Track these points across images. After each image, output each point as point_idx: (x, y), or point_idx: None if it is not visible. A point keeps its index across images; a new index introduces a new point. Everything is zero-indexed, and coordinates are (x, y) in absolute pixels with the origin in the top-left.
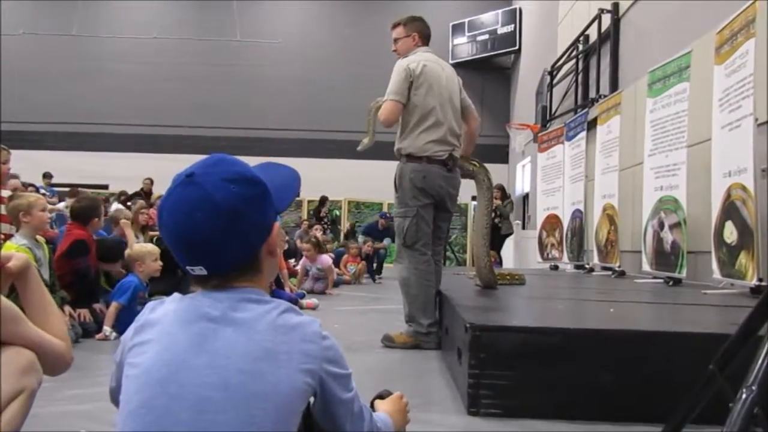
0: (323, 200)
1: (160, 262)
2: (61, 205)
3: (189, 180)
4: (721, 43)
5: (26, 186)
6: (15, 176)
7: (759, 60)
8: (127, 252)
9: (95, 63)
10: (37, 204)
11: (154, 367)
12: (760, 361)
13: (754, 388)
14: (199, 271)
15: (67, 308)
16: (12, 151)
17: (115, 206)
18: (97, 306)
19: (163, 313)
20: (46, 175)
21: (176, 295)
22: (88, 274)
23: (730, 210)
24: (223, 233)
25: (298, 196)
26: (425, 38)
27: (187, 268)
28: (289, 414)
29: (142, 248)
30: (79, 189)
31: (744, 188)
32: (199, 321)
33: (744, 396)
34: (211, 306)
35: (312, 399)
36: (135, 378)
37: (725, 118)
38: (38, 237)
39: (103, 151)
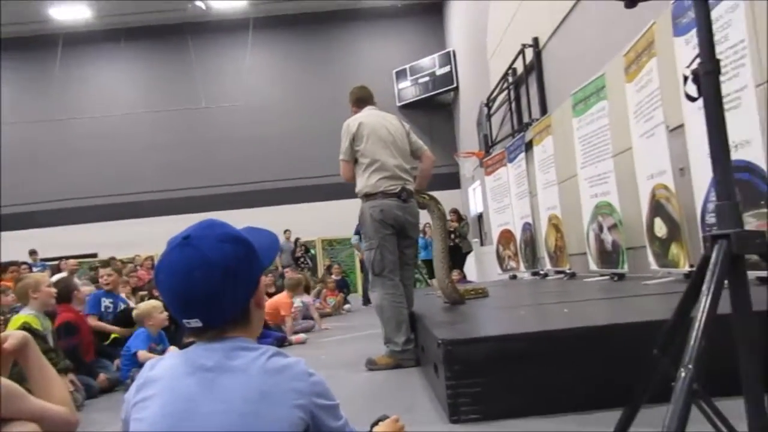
0: (296, 242)
1: (166, 314)
2: (55, 278)
3: (185, 242)
4: (629, 64)
5: (19, 264)
6: None
7: (662, 75)
8: (135, 312)
9: (72, 143)
10: (43, 281)
11: (158, 420)
12: (692, 342)
13: (690, 366)
14: (195, 323)
15: (71, 375)
16: (4, 233)
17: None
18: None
19: (163, 368)
20: (32, 252)
21: (173, 351)
22: (76, 353)
23: (657, 208)
24: (218, 290)
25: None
26: (360, 102)
27: (184, 321)
28: None
29: (147, 304)
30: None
31: (666, 187)
32: (197, 372)
33: (683, 374)
34: (206, 357)
35: None
36: None
37: (641, 128)
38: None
39: (89, 222)
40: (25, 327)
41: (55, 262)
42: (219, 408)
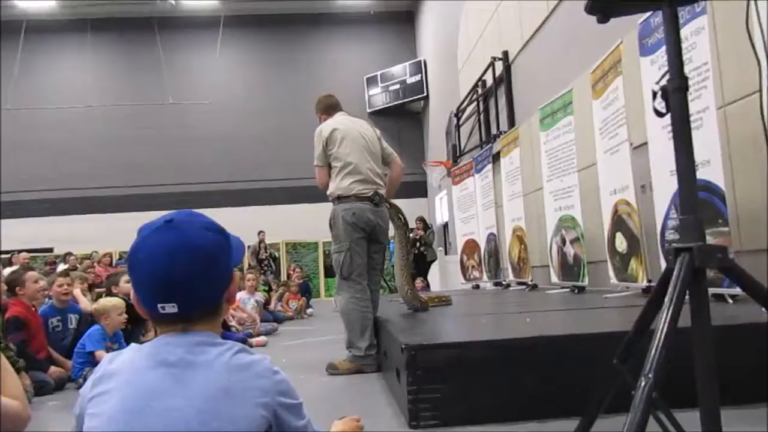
0: (260, 244)
1: (125, 315)
2: (6, 272)
3: (169, 225)
4: (595, 81)
5: None
6: None
7: (628, 93)
8: (93, 306)
9: (32, 134)
10: None
11: (116, 415)
12: (653, 352)
13: (650, 375)
14: (170, 309)
15: (23, 374)
16: None
17: (63, 268)
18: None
19: (122, 362)
20: None
21: (134, 345)
22: (23, 348)
23: (618, 223)
24: (199, 275)
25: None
26: (330, 108)
27: (158, 306)
28: None
29: (108, 302)
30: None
31: (628, 203)
32: (158, 367)
33: (643, 384)
34: (168, 352)
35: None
36: (98, 428)
37: (606, 144)
38: None
39: (45, 216)
40: None
41: (7, 255)
42: (179, 404)
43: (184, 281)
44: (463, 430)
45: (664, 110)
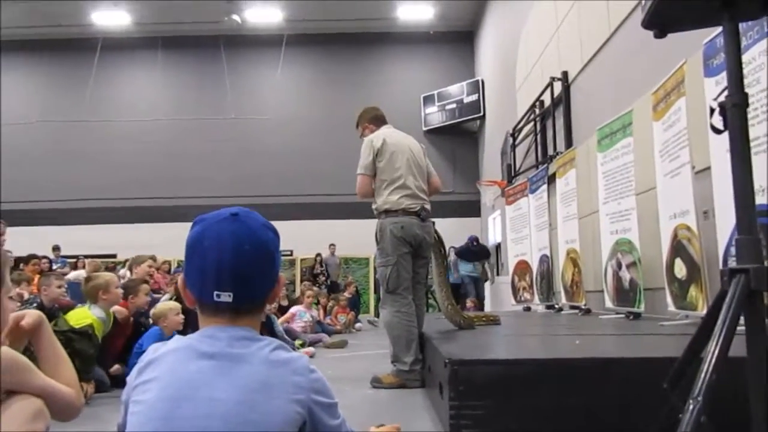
0: (316, 258)
1: (182, 316)
2: (72, 274)
3: (235, 218)
4: (657, 102)
5: (40, 258)
6: (8, 252)
7: (691, 115)
8: (152, 311)
9: (102, 145)
10: (113, 282)
11: (157, 403)
12: (702, 375)
13: (699, 398)
14: (226, 297)
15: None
16: (25, 228)
17: (123, 273)
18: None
19: (165, 352)
20: (56, 248)
21: (178, 336)
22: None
23: (678, 248)
24: (259, 268)
25: (291, 255)
26: (377, 120)
27: (215, 293)
28: None
29: (165, 305)
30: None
31: (689, 228)
32: (200, 359)
33: (691, 407)
34: (210, 345)
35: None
36: (139, 414)
37: (666, 167)
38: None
39: (110, 224)
40: (87, 331)
41: (73, 260)
42: (217, 395)
43: (246, 272)
44: None
45: (722, 127)
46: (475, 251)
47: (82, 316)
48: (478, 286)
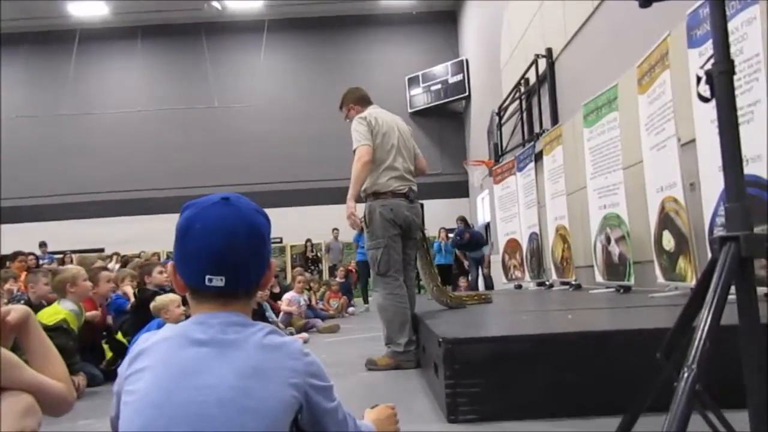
0: (307, 243)
1: (183, 308)
2: None
3: (226, 202)
4: (642, 75)
5: (26, 255)
6: None
7: (676, 87)
8: (152, 304)
9: (84, 138)
10: (80, 275)
11: (151, 392)
12: (696, 344)
13: (693, 367)
14: (218, 282)
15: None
16: (11, 225)
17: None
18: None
19: (157, 341)
20: (42, 244)
21: (169, 324)
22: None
23: (666, 221)
24: (251, 252)
25: (281, 243)
26: (362, 101)
27: (206, 277)
28: (279, 425)
29: (166, 297)
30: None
31: (676, 200)
32: (192, 346)
33: (686, 374)
34: (201, 332)
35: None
36: (133, 403)
37: (652, 140)
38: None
39: (97, 218)
40: (62, 326)
41: (60, 256)
42: (212, 382)
43: (238, 255)
44: (502, 425)
45: (709, 95)
46: (465, 244)
47: (52, 312)
48: (480, 267)
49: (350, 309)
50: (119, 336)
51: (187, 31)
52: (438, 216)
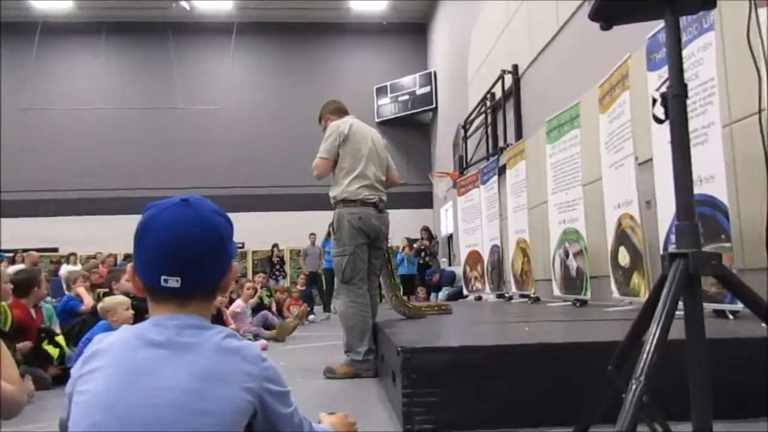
0: (273, 248)
1: (131, 311)
2: (11, 269)
3: (185, 203)
4: (603, 95)
5: None
6: None
7: (635, 108)
8: (99, 306)
9: (43, 134)
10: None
11: (103, 393)
12: (644, 357)
13: (641, 379)
14: (173, 282)
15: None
16: None
17: (67, 268)
18: None
19: (111, 342)
20: None
21: (125, 326)
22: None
23: (622, 237)
24: (209, 253)
25: (242, 248)
26: (339, 112)
27: (162, 277)
28: (232, 429)
29: (114, 299)
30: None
31: (632, 217)
32: (146, 347)
33: (634, 386)
34: (157, 333)
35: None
36: (84, 404)
37: (611, 158)
38: None
39: (52, 216)
40: None
41: (11, 255)
42: (165, 383)
43: (194, 256)
44: None
45: (663, 117)
46: (430, 282)
47: None
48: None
49: (310, 317)
50: (59, 338)
51: (154, 30)
52: (402, 226)
